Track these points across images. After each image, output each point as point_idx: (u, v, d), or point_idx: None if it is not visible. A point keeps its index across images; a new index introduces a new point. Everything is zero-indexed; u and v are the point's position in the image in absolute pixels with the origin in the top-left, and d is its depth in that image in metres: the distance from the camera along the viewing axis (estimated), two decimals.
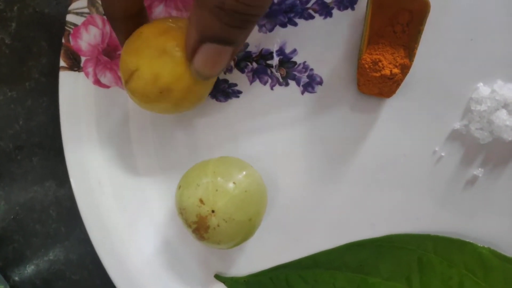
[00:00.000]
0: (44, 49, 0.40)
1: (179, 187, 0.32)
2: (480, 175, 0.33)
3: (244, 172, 0.31)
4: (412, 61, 0.31)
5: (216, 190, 0.30)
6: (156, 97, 0.30)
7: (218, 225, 0.30)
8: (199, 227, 0.30)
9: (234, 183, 0.30)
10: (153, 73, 0.29)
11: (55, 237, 0.42)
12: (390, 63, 0.32)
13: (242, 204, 0.30)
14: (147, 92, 0.30)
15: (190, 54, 0.25)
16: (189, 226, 0.31)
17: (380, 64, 0.32)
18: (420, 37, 0.31)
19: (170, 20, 0.30)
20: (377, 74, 0.32)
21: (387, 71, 0.31)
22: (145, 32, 0.29)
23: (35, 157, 0.41)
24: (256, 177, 0.32)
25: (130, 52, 0.29)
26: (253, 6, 0.22)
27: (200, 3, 0.23)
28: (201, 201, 0.30)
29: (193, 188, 0.30)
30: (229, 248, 0.32)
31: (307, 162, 0.35)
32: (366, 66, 0.32)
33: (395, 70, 0.31)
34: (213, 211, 0.30)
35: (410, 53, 0.32)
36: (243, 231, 0.31)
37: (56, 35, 0.40)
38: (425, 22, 0.31)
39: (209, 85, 0.32)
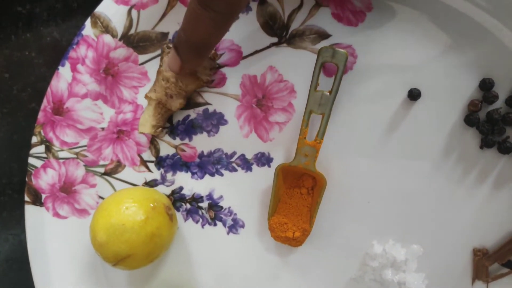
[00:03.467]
0: (15, 169, 0.46)
1: None
2: None
3: None
4: (312, 227, 0.37)
5: None
6: (146, 264, 0.37)
7: None
8: None
9: None
10: (147, 253, 0.36)
11: None
12: (294, 225, 0.37)
13: None
14: (140, 266, 0.36)
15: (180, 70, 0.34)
16: None
17: (285, 225, 0.37)
18: (318, 207, 0.36)
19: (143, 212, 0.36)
20: (283, 235, 0.37)
21: (290, 234, 0.37)
22: (129, 223, 0.35)
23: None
24: None
25: (117, 242, 0.35)
26: None
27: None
28: None
29: None
30: None
31: None
32: (274, 226, 0.37)
33: (297, 234, 0.37)
34: None
35: (311, 219, 0.37)
36: None
37: (24, 160, 0.45)
38: (322, 195, 0.36)
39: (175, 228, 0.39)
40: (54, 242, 0.43)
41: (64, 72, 0.40)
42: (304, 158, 0.36)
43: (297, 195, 0.37)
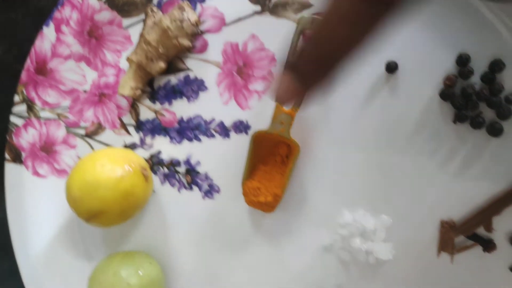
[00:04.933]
0: None
1: (89, 279, 0.39)
2: (343, 286, 0.39)
3: (140, 273, 0.38)
4: (283, 192, 0.37)
5: None
6: (120, 222, 0.37)
7: None
8: None
9: (128, 284, 0.37)
10: (120, 211, 0.36)
11: None
12: (267, 190, 0.38)
13: None
14: (113, 223, 0.37)
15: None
16: None
17: (258, 190, 0.38)
18: (291, 173, 0.37)
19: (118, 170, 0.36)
20: (256, 199, 0.38)
21: (262, 199, 0.37)
22: (103, 180, 0.35)
23: None
24: (153, 276, 0.39)
25: (90, 198, 0.35)
26: None
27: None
28: None
29: (97, 285, 0.38)
30: None
31: (203, 256, 0.41)
32: (248, 190, 0.38)
33: (269, 198, 0.37)
34: None
35: (283, 185, 0.37)
36: None
37: (6, 120, 0.46)
38: (295, 162, 0.37)
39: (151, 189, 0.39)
40: (33, 200, 0.43)
41: (48, 32, 0.40)
42: (280, 125, 0.36)
43: (272, 162, 0.38)
